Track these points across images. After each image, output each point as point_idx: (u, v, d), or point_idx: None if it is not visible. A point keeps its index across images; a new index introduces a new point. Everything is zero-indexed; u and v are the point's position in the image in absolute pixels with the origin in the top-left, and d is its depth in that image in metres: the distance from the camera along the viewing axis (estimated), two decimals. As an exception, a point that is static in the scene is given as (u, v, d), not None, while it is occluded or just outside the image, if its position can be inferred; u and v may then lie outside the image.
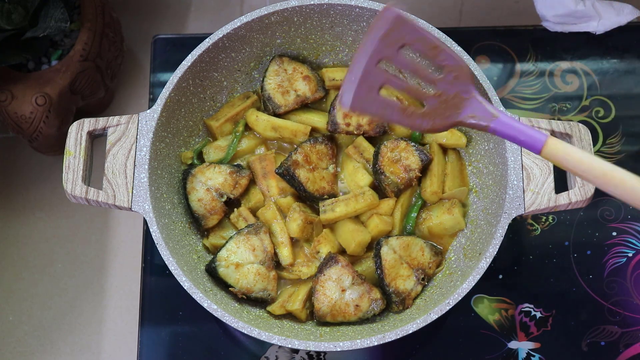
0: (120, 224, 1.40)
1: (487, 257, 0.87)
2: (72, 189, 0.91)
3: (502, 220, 0.88)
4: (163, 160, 0.96)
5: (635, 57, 1.13)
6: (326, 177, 0.99)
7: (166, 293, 1.03)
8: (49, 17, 1.16)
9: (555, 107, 1.12)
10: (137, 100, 1.45)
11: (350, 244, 0.96)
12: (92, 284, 1.36)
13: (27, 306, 1.35)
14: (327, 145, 1.00)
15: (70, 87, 1.23)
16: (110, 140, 0.93)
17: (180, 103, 0.98)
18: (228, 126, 1.03)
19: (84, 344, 1.33)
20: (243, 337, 1.01)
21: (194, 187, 0.97)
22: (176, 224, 0.96)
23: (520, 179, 0.89)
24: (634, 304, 1.02)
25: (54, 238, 1.39)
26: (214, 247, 0.98)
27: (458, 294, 0.86)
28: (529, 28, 1.16)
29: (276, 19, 0.98)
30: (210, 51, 0.97)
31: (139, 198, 0.91)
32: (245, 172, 0.99)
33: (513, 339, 1.01)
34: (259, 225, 0.96)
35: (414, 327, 0.85)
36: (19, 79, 1.22)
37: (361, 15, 0.98)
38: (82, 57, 1.23)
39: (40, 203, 1.41)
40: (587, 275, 1.03)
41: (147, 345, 1.01)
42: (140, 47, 1.48)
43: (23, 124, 1.22)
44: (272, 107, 1.01)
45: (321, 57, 1.05)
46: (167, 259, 0.88)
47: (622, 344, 1.00)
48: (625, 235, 1.05)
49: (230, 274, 0.93)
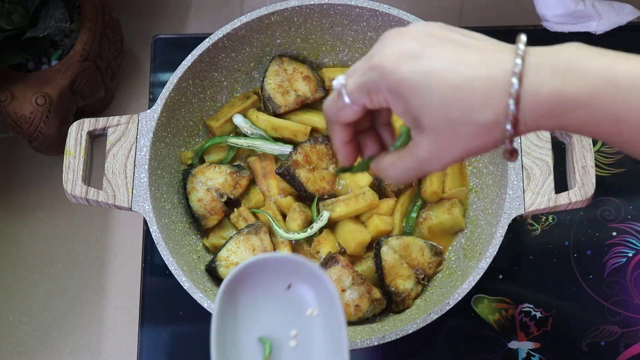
0: (120, 224, 1.40)
1: (487, 257, 0.87)
2: (72, 189, 0.91)
3: (502, 220, 0.88)
4: (163, 160, 0.96)
5: (635, 57, 1.13)
6: (326, 177, 0.99)
7: (166, 293, 1.03)
8: (49, 17, 1.16)
9: (555, 107, 1.12)
10: (137, 100, 1.45)
11: (350, 244, 0.96)
12: (92, 284, 1.36)
13: (27, 306, 1.35)
14: (327, 145, 1.00)
15: (70, 87, 1.23)
16: (110, 140, 0.93)
17: (180, 103, 0.98)
18: (228, 126, 1.03)
19: (84, 344, 1.33)
20: (243, 337, 1.01)
21: (194, 187, 0.97)
22: (176, 224, 0.96)
23: (520, 179, 0.89)
24: (634, 304, 1.02)
25: (54, 238, 1.39)
26: (214, 247, 0.98)
27: (458, 294, 0.86)
28: (529, 28, 1.16)
29: (276, 19, 0.98)
30: (210, 51, 0.97)
31: (139, 198, 0.91)
32: (245, 172, 0.99)
33: (513, 339, 1.01)
34: (259, 225, 0.96)
35: (414, 327, 0.86)
36: (19, 79, 1.22)
37: (361, 15, 0.98)
38: (82, 57, 1.23)
39: (40, 203, 1.41)
40: (587, 275, 1.03)
41: (147, 345, 1.01)
42: (140, 47, 1.48)
43: (23, 124, 1.22)
44: (272, 107, 1.01)
45: (321, 57, 1.05)
46: (167, 259, 0.88)
47: (622, 344, 1.00)
48: (625, 235, 1.05)
49: (230, 274, 0.93)
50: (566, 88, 0.47)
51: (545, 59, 0.49)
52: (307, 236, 0.96)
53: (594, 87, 0.47)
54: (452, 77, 0.49)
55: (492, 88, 0.48)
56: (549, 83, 0.47)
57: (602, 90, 0.47)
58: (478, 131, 0.49)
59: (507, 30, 1.16)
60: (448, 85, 0.49)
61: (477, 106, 0.48)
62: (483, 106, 0.48)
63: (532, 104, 0.48)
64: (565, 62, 0.48)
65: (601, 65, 0.48)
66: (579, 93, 0.47)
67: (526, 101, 0.48)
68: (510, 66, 0.48)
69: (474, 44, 0.51)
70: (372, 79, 0.52)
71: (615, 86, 0.47)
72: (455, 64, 0.49)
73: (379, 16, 0.97)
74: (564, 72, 0.47)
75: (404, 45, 0.51)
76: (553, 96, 0.47)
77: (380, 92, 0.53)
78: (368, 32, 1.00)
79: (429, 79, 0.49)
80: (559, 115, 0.48)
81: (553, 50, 0.50)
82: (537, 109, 0.48)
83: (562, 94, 0.47)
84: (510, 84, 0.48)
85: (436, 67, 0.49)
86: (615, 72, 0.47)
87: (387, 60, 0.51)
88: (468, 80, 0.49)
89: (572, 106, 0.47)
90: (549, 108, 0.48)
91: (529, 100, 0.48)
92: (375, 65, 0.52)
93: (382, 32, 0.99)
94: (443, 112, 0.49)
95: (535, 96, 0.48)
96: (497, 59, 0.49)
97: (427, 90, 0.49)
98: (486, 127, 0.49)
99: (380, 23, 0.98)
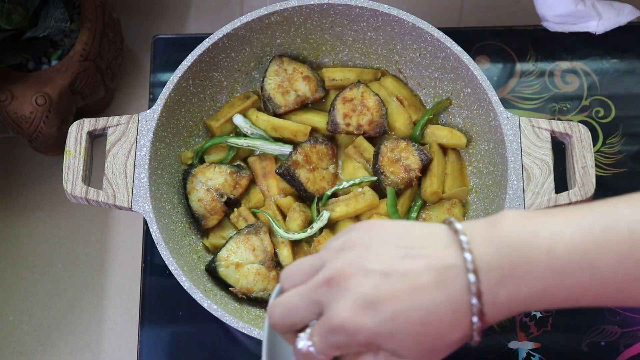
0: (120, 224, 1.40)
1: (487, 257, 0.87)
2: (72, 189, 0.91)
3: (502, 220, 0.88)
4: (163, 160, 0.96)
5: (635, 57, 1.13)
6: (326, 177, 0.99)
7: (166, 293, 1.03)
8: (49, 17, 1.16)
9: (556, 107, 1.12)
10: (137, 100, 1.45)
11: (350, 244, 0.95)
12: (92, 284, 1.36)
13: (27, 306, 1.35)
14: (327, 145, 1.00)
15: (70, 87, 1.23)
16: (110, 140, 0.93)
17: (180, 103, 0.98)
18: (228, 126, 1.03)
19: (84, 344, 1.33)
20: (243, 337, 1.01)
21: (194, 187, 0.97)
22: (176, 224, 0.96)
23: (520, 179, 0.89)
24: (634, 304, 1.02)
25: (54, 238, 1.39)
26: (214, 247, 0.98)
27: (458, 294, 0.86)
28: (529, 28, 1.16)
29: (276, 19, 0.98)
30: (210, 51, 0.97)
31: (139, 198, 0.91)
32: (245, 172, 0.99)
33: (513, 339, 1.01)
34: (259, 225, 0.96)
35: (414, 327, 0.85)
36: (19, 79, 1.22)
37: (361, 15, 0.98)
38: (82, 57, 1.23)
39: (40, 203, 1.41)
40: (587, 275, 1.03)
41: (147, 345, 1.01)
42: (140, 47, 1.47)
43: (23, 124, 1.22)
44: (272, 107, 1.01)
45: (321, 57, 1.05)
46: (167, 259, 0.88)
47: (622, 344, 1.00)
48: (625, 235, 1.05)
49: (230, 274, 0.93)
50: (517, 292, 0.50)
51: (490, 250, 0.51)
52: (307, 236, 0.96)
53: (541, 282, 0.50)
54: (417, 315, 0.50)
55: (456, 311, 0.51)
56: (504, 291, 0.50)
57: (550, 283, 0.50)
58: (451, 345, 0.53)
59: (507, 30, 1.16)
60: (416, 323, 0.50)
61: (447, 332, 0.51)
62: (452, 330, 0.51)
63: (494, 312, 0.51)
64: (510, 257, 0.50)
65: (540, 252, 0.50)
66: (530, 293, 0.50)
67: (489, 312, 0.51)
68: (464, 282, 0.50)
69: (418, 257, 0.51)
70: (340, 340, 0.52)
71: (561, 276, 0.50)
72: (412, 297, 0.50)
73: (379, 16, 0.97)
74: (513, 272, 0.50)
75: (354, 294, 0.51)
76: (511, 300, 0.51)
77: (352, 347, 0.53)
78: (368, 32, 1.00)
79: (396, 325, 0.51)
80: (522, 308, 0.51)
81: (491, 232, 0.52)
82: (500, 314, 0.51)
83: (518, 297, 0.51)
84: (471, 304, 0.51)
85: (397, 309, 0.50)
86: (557, 257, 0.49)
87: (346, 320, 0.51)
88: (432, 311, 0.50)
89: (529, 303, 0.51)
90: (511, 309, 0.51)
91: (491, 311, 0.51)
92: (335, 328, 0.52)
93: (382, 32, 1.00)
94: (419, 346, 0.51)
95: (493, 306, 0.51)
96: (449, 268, 0.51)
97: (398, 335, 0.51)
98: (458, 342, 0.52)
99: (380, 23, 0.98)
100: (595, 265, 0.48)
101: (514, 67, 1.14)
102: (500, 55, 1.14)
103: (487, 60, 1.14)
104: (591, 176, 0.89)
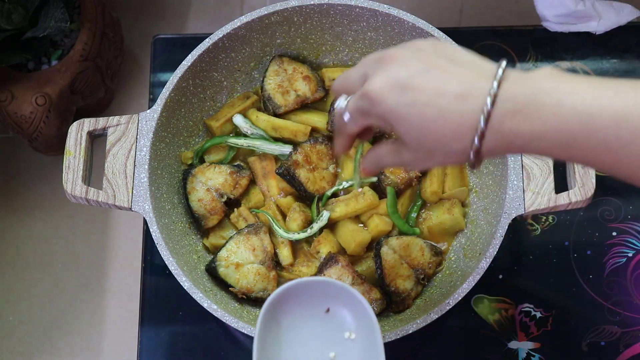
0: (120, 224, 1.40)
1: (487, 257, 0.87)
2: (72, 189, 0.91)
3: (502, 220, 0.88)
4: (163, 160, 0.96)
5: (635, 57, 1.13)
6: (326, 177, 0.99)
7: (166, 293, 1.03)
8: (49, 17, 1.16)
9: (555, 107, 1.12)
10: (137, 100, 1.45)
11: (350, 244, 0.96)
12: (92, 284, 1.36)
13: (27, 306, 1.35)
14: (327, 145, 1.00)
15: (70, 87, 1.23)
16: (110, 140, 0.93)
17: (180, 103, 0.98)
18: (228, 126, 1.03)
19: (84, 344, 1.33)
20: (243, 337, 1.01)
21: (194, 187, 0.97)
22: (176, 224, 0.96)
23: (520, 179, 0.89)
24: (634, 304, 1.02)
25: (54, 238, 1.39)
26: (214, 247, 0.98)
27: (458, 294, 0.86)
28: (529, 28, 1.16)
29: (276, 19, 0.98)
30: (210, 51, 0.97)
31: (139, 198, 0.91)
32: (245, 172, 0.99)
33: (513, 339, 1.01)
34: (259, 225, 0.96)
35: (414, 327, 0.86)
36: (19, 79, 1.22)
37: (361, 15, 0.98)
38: (82, 57, 1.23)
39: (40, 203, 1.41)
40: (587, 275, 1.03)
41: (147, 345, 1.01)
42: (140, 47, 1.48)
43: (23, 124, 1.22)
44: (272, 107, 1.01)
45: (321, 57, 1.05)
46: (167, 259, 0.88)
47: (622, 344, 1.00)
48: (625, 235, 1.05)
49: (230, 274, 0.93)
50: (520, 125, 0.55)
51: (516, 88, 0.56)
52: (307, 236, 0.96)
53: (543, 124, 0.54)
54: (430, 111, 0.57)
55: (462, 124, 0.56)
56: (509, 122, 0.55)
57: (551, 129, 0.54)
58: (448, 154, 0.59)
59: (507, 30, 1.16)
60: (426, 119, 0.57)
61: (448, 139, 0.57)
62: (453, 139, 0.57)
63: (494, 141, 0.56)
64: (529, 97, 0.55)
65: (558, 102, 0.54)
66: (532, 131, 0.54)
67: (489, 138, 0.56)
68: (481, 103, 0.55)
69: (457, 72, 0.57)
70: (363, 106, 0.61)
71: (564, 125, 0.54)
72: (434, 96, 0.57)
73: (379, 16, 0.97)
74: (524, 109, 0.55)
75: (392, 74, 0.59)
76: (512, 133, 0.55)
77: (371, 116, 0.61)
78: (368, 32, 1.00)
79: (410, 112, 0.57)
80: (518, 147, 0.56)
81: (525, 77, 0.56)
82: (498, 144, 0.56)
83: (519, 131, 0.55)
84: (478, 124, 0.55)
85: (417, 100, 0.57)
86: (562, 106, 0.54)
87: (375, 90, 0.59)
88: (443, 115, 0.56)
89: (527, 140, 0.55)
90: (509, 142, 0.56)
91: (491, 137, 0.56)
92: (364, 94, 0.60)
93: (382, 32, 1.00)
94: (420, 139, 0.58)
95: (495, 134, 0.56)
96: (475, 89, 0.56)
97: (408, 121, 0.58)
98: (454, 153, 0.58)
99: (380, 23, 0.98)
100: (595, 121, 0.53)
101: (514, 67, 1.14)
102: (500, 55, 1.14)
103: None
104: (591, 176, 0.89)
